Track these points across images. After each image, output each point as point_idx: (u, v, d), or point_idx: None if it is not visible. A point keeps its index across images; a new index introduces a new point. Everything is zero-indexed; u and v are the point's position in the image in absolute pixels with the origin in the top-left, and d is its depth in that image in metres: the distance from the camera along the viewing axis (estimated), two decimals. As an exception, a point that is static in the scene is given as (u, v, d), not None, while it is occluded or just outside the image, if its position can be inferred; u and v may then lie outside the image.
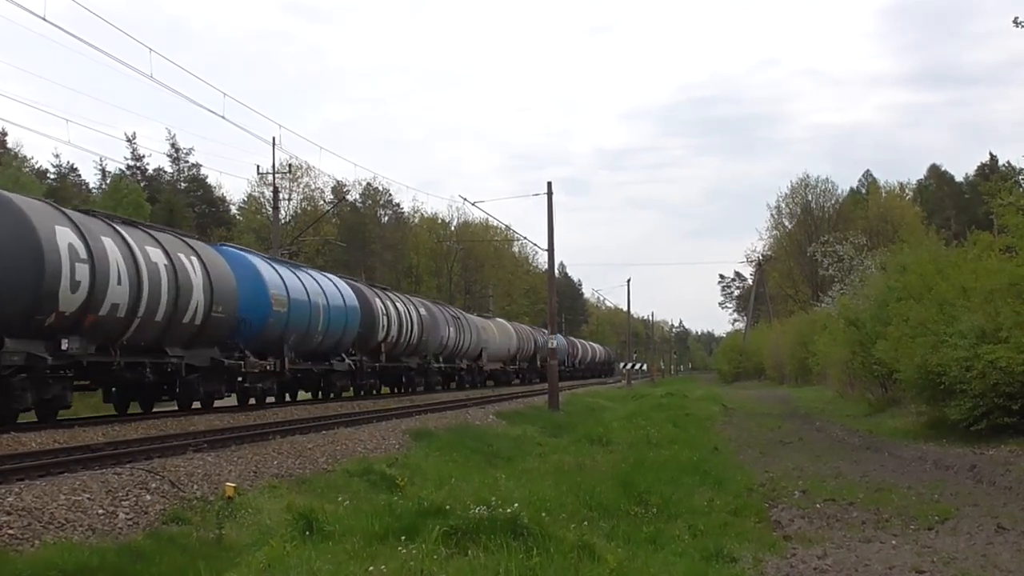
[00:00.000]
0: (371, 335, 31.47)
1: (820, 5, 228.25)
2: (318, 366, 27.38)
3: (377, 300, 32.68)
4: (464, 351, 43.71)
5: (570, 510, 9.91)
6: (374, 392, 34.33)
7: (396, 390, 37.16)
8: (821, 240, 62.53)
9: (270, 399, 25.90)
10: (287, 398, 27.92)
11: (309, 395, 29.75)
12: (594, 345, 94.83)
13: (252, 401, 24.62)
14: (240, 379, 22.86)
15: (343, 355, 29.21)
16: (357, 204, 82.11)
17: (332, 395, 29.26)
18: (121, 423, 17.68)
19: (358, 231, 77.11)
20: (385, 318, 32.73)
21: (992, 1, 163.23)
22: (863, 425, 25.17)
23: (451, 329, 41.19)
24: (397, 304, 34.82)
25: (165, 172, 78.33)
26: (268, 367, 23.75)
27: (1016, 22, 17.99)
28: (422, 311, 37.51)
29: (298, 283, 26.03)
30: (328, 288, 28.43)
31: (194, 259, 20.61)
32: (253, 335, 23.17)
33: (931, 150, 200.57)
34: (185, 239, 21.84)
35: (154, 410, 21.10)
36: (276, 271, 25.23)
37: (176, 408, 21.72)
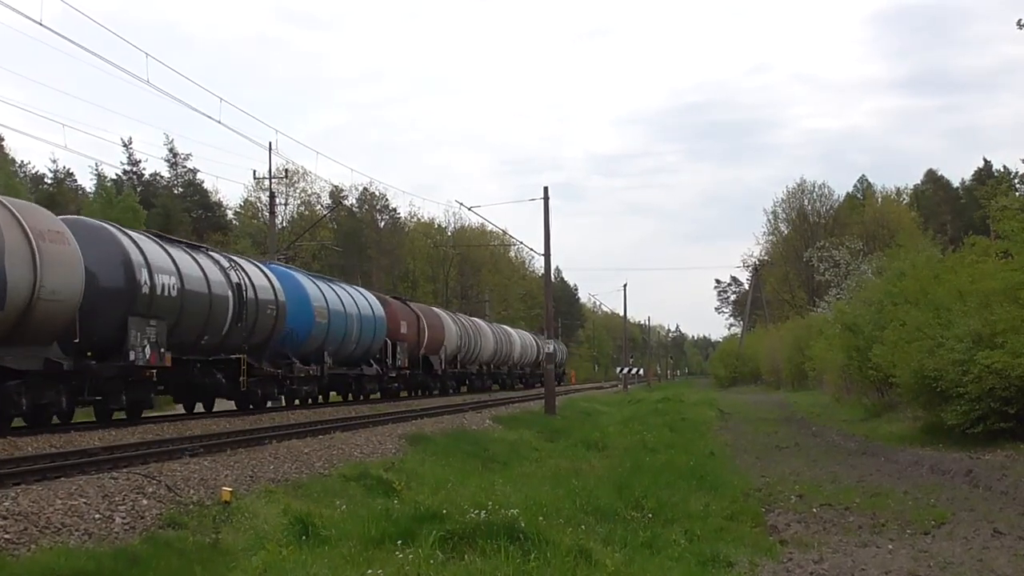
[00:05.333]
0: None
1: (812, 10, 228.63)
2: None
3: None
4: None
5: (567, 515, 9.91)
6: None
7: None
8: (817, 245, 62.58)
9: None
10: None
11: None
12: (502, 330, 53.65)
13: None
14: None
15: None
16: (353, 209, 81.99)
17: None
18: (117, 428, 17.70)
19: (355, 236, 77.02)
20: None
21: (982, 7, 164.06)
22: (859, 430, 25.19)
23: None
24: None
25: (162, 177, 78.14)
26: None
27: (1020, 23, 18.01)
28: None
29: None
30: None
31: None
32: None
33: (927, 155, 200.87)
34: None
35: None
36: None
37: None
